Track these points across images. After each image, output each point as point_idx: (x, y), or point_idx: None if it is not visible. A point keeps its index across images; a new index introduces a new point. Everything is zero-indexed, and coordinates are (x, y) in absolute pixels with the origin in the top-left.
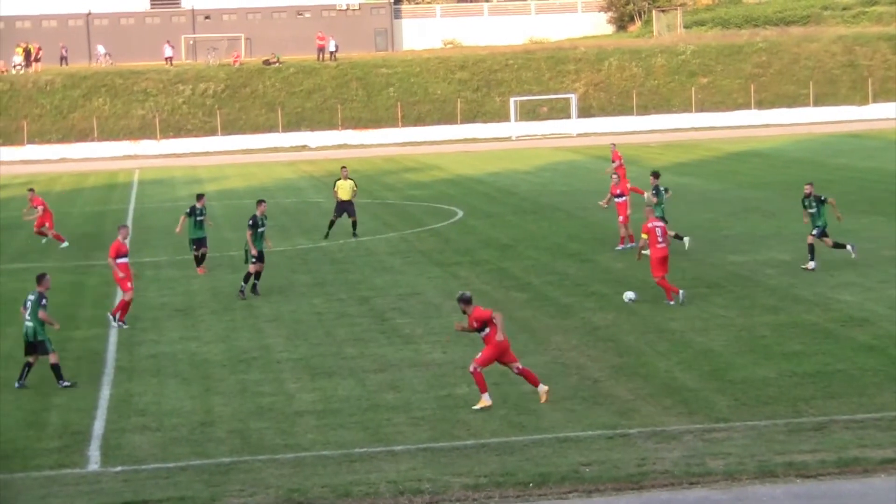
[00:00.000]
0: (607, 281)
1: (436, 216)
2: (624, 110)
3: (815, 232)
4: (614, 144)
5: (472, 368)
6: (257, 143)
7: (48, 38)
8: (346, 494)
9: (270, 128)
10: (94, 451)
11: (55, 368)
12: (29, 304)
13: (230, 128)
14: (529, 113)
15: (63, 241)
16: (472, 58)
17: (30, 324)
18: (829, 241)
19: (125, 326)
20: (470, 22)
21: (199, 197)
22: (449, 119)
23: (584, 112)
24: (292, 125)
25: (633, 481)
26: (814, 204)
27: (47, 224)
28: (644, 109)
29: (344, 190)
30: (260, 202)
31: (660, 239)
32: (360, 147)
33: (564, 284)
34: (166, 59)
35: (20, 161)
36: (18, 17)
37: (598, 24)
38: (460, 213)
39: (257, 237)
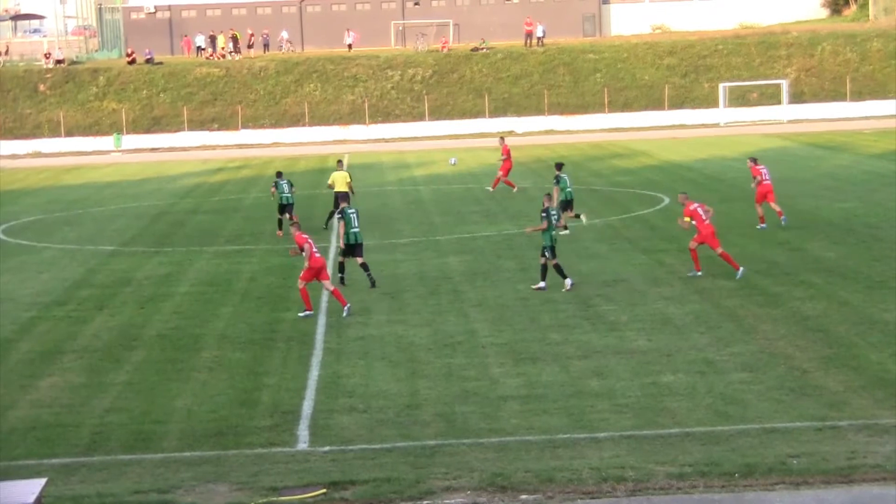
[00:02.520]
0: (818, 270)
1: (642, 203)
2: (837, 96)
3: None
4: (502, 137)
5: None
6: (464, 129)
7: (262, 25)
8: (550, 480)
9: (477, 113)
10: (304, 431)
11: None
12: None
13: (437, 113)
14: (739, 99)
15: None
16: (681, 43)
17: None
18: None
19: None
20: (679, 7)
21: (280, 174)
22: (656, 105)
23: (796, 98)
24: (499, 111)
25: (842, 475)
26: None
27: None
28: (858, 95)
29: (339, 181)
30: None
31: (703, 217)
32: (567, 133)
33: (773, 273)
34: (347, 45)
35: (235, 145)
36: (235, 5)
37: (811, 8)
38: (667, 200)
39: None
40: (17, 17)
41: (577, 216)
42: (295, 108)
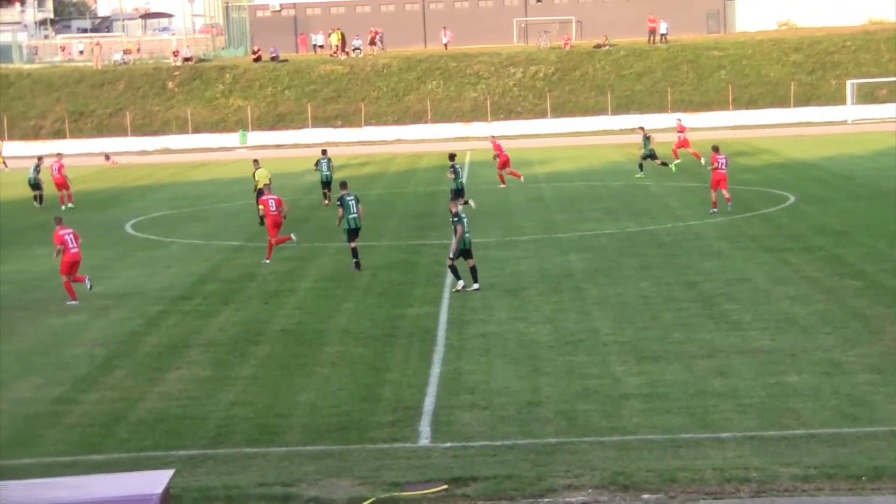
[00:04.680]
0: None
1: (766, 201)
2: None
3: None
4: (493, 136)
5: None
6: (586, 126)
7: (385, 23)
8: (672, 480)
9: (600, 111)
10: (425, 427)
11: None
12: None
13: (560, 110)
14: (867, 96)
15: None
16: (808, 39)
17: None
18: None
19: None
20: (806, 2)
21: (324, 151)
22: (782, 102)
23: None
24: (621, 108)
25: None
26: None
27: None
28: None
29: (262, 178)
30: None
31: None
32: (690, 130)
33: None
34: (444, 45)
35: (358, 142)
36: (359, 3)
37: None
38: (792, 198)
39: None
40: (146, 16)
41: (467, 202)
42: (417, 105)
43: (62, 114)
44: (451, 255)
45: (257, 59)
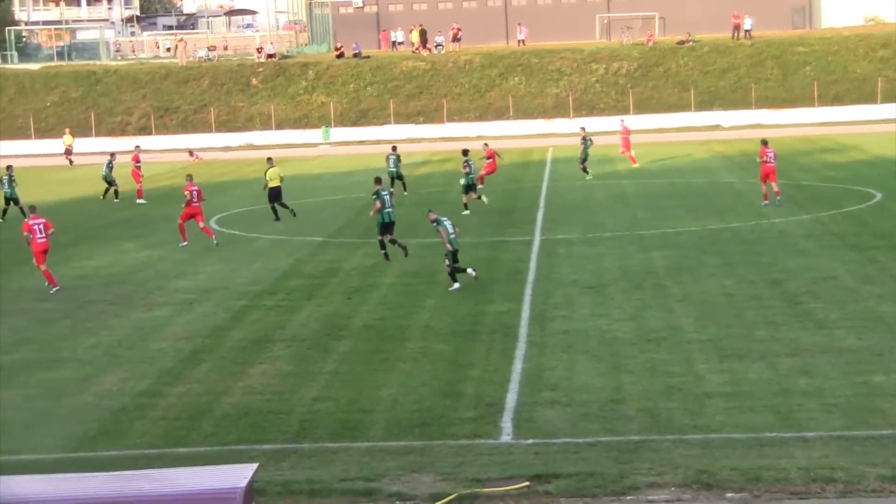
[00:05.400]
0: None
1: (852, 198)
2: None
3: None
4: (486, 143)
5: None
6: (669, 122)
7: (468, 19)
8: (756, 479)
9: (683, 107)
10: (507, 423)
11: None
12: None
13: (642, 107)
14: None
15: None
16: None
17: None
18: None
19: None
20: None
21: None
22: (868, 99)
23: None
24: (705, 104)
25: None
26: None
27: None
28: None
29: (273, 177)
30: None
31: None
32: (775, 127)
33: None
34: (520, 41)
35: (440, 138)
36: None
37: None
38: (878, 196)
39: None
40: (231, 13)
41: (480, 197)
42: (499, 102)
43: (148, 110)
44: (447, 262)
45: (340, 56)
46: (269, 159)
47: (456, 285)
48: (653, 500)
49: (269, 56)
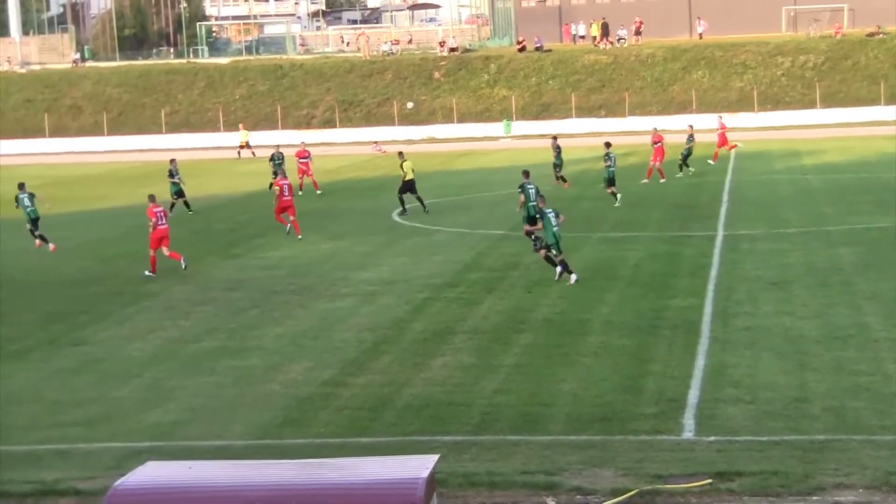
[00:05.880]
0: None
1: None
2: None
3: None
4: (655, 128)
5: None
6: (858, 117)
7: (650, 12)
8: None
9: (872, 101)
10: (689, 420)
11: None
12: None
13: (829, 101)
14: None
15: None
16: None
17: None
18: None
19: None
20: None
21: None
22: None
23: None
24: (895, 98)
25: None
26: None
27: None
28: None
29: (408, 170)
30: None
31: None
32: None
33: None
34: (699, 34)
35: (622, 132)
36: None
37: None
38: None
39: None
40: (414, 7)
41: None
42: (682, 95)
43: (332, 103)
44: (541, 246)
45: (522, 49)
46: (401, 153)
47: (573, 277)
48: (839, 502)
49: (452, 50)
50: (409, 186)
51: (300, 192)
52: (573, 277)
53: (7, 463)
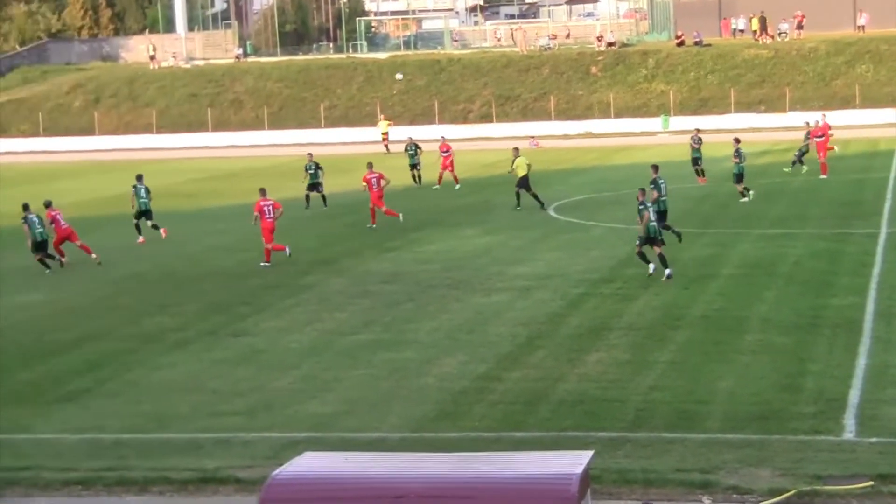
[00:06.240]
0: None
1: None
2: None
3: None
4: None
5: None
6: None
7: (811, 5)
8: None
9: None
10: (850, 420)
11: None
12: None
13: None
14: None
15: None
16: None
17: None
18: None
19: None
20: None
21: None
22: None
23: None
24: None
25: None
26: None
27: None
28: None
29: (521, 167)
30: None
31: None
32: None
33: None
34: (860, 27)
35: (782, 128)
36: None
37: None
38: None
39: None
40: (572, 2)
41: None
42: (845, 90)
43: (489, 98)
44: (638, 243)
45: (680, 44)
46: (515, 149)
47: (651, 266)
48: None
49: (609, 45)
50: (522, 183)
51: (435, 187)
52: (667, 272)
53: (169, 450)
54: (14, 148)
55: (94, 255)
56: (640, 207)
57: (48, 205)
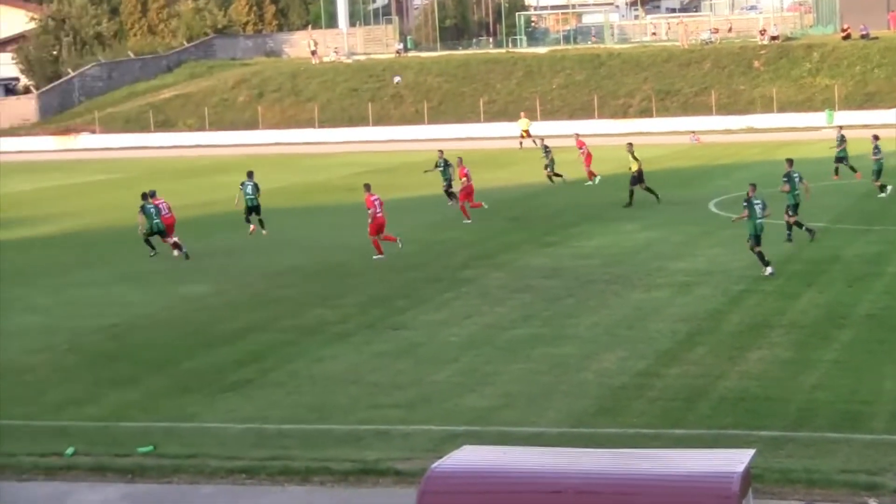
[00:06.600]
0: None
1: None
2: None
3: None
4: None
5: None
6: None
7: None
8: None
9: None
10: None
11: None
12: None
13: None
14: None
15: None
16: None
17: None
18: None
19: None
20: None
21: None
22: None
23: None
24: None
25: None
26: None
27: None
28: None
29: (633, 164)
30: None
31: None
32: None
33: None
34: None
35: None
36: None
37: None
38: None
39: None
40: None
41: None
42: None
43: (649, 93)
44: (751, 243)
45: (846, 37)
46: (629, 144)
47: (768, 270)
48: None
49: (773, 38)
50: (636, 178)
51: (588, 183)
52: (768, 270)
53: (329, 441)
54: (181, 142)
55: (175, 253)
56: (744, 204)
57: (152, 194)
